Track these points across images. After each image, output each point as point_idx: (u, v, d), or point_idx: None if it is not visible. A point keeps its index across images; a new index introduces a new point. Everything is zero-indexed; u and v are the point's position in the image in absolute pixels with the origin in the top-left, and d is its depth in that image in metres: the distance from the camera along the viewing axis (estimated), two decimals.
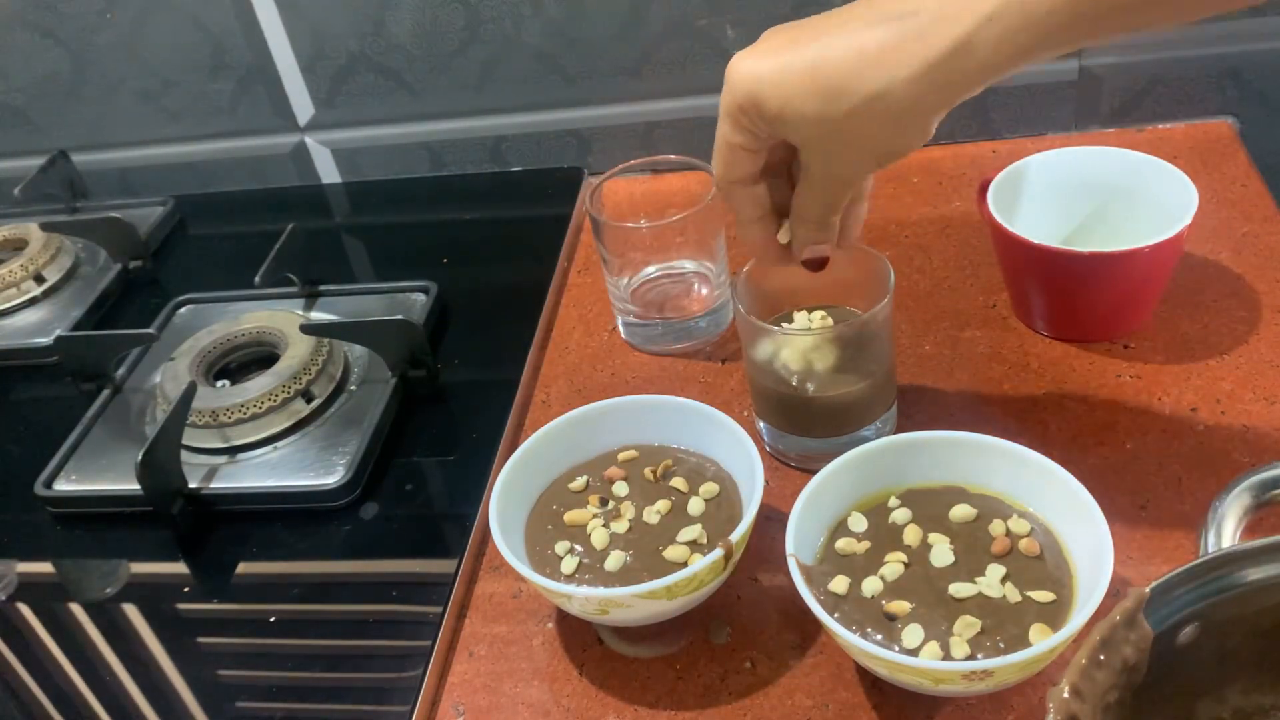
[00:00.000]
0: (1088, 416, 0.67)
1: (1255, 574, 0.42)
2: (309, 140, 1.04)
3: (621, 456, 0.65)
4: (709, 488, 0.61)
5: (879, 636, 0.52)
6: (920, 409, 0.69)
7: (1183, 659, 0.42)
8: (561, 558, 0.59)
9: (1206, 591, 0.41)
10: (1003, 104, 0.91)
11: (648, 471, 0.63)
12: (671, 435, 0.65)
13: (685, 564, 0.57)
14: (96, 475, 0.76)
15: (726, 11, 0.89)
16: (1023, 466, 0.57)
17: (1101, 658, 0.39)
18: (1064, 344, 0.72)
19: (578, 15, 0.92)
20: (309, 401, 0.77)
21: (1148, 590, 0.40)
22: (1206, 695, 0.43)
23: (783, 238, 0.58)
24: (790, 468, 0.68)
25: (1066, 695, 0.38)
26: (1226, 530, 0.51)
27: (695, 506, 0.61)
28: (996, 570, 0.53)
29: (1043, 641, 0.49)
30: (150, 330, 0.84)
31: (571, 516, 0.61)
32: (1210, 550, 0.49)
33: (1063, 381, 0.69)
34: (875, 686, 0.56)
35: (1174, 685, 0.42)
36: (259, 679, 0.63)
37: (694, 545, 0.58)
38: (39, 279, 0.95)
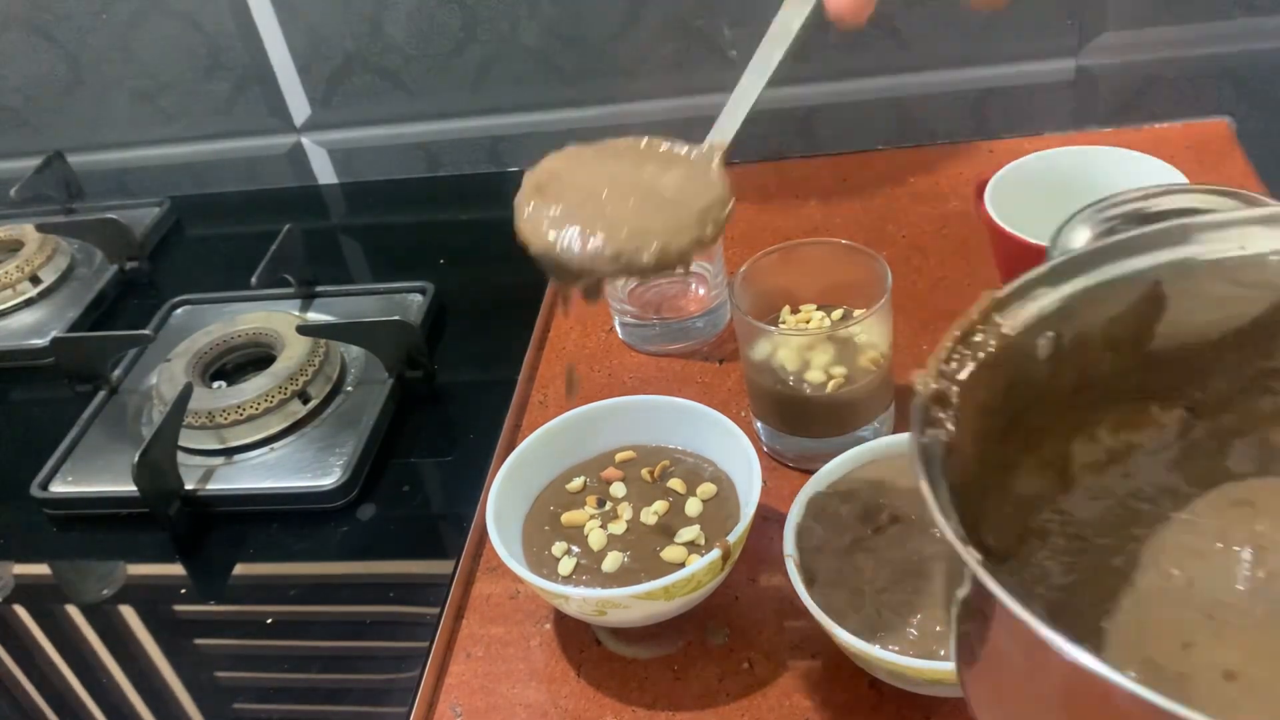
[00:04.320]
0: None
1: (1105, 274, 0.40)
2: (305, 141, 1.04)
3: (619, 457, 0.64)
4: (706, 488, 0.61)
5: (878, 636, 0.52)
6: None
7: (1046, 382, 0.41)
8: (559, 559, 0.59)
9: (1057, 296, 0.40)
10: (1000, 104, 0.91)
11: (645, 472, 0.63)
12: (669, 436, 0.65)
13: (683, 565, 0.57)
14: (93, 476, 0.76)
15: (723, 12, 0.89)
16: None
17: (960, 350, 0.39)
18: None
19: (575, 15, 0.92)
20: (306, 402, 0.77)
21: (998, 294, 0.40)
22: (1079, 434, 0.43)
23: None
24: (788, 468, 0.68)
25: (931, 378, 0.38)
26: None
27: (693, 507, 0.61)
28: None
29: None
30: (146, 331, 0.84)
31: (569, 517, 0.61)
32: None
33: None
34: (873, 687, 0.56)
35: (1043, 417, 0.41)
36: (256, 680, 0.63)
37: (691, 546, 0.58)
38: (35, 280, 0.95)
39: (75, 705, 0.63)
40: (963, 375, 0.38)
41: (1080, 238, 0.51)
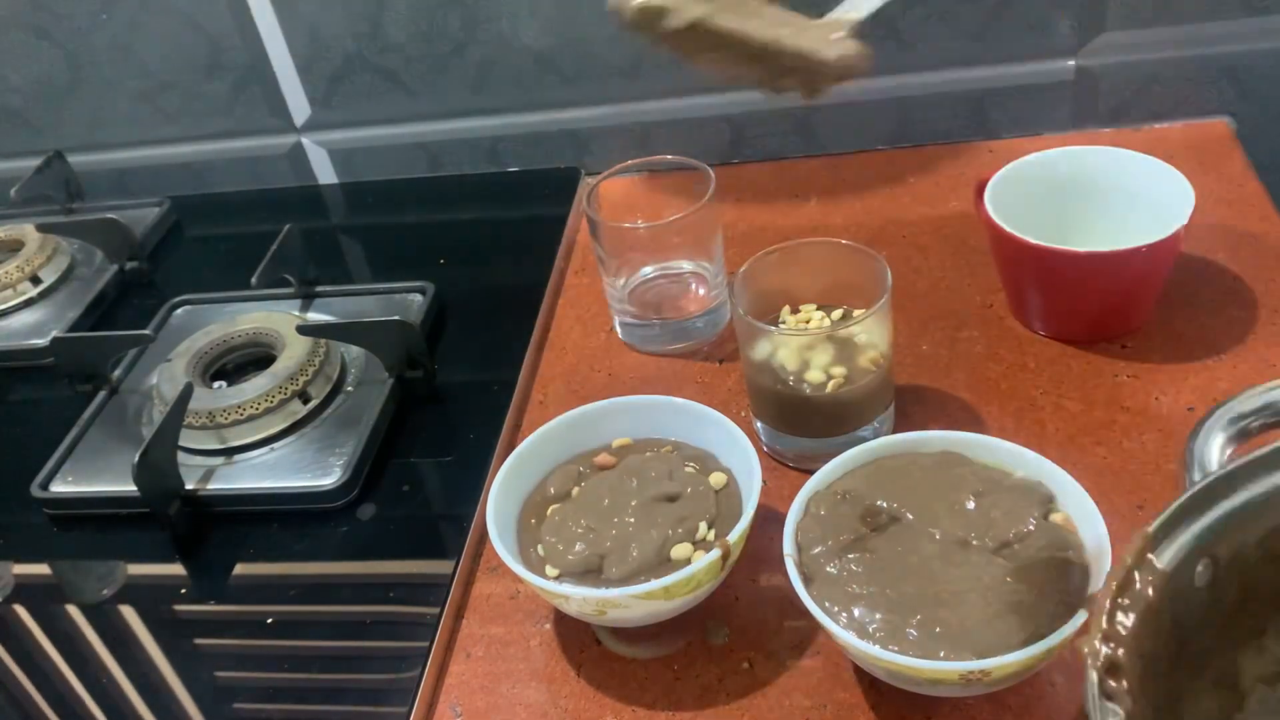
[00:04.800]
0: (1084, 416, 0.67)
1: (1251, 491, 0.40)
2: (306, 141, 1.04)
3: (616, 443, 0.65)
4: (716, 478, 0.61)
5: (879, 637, 0.52)
6: (918, 409, 0.69)
7: (1208, 606, 0.40)
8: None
9: (1206, 522, 0.39)
10: (1000, 104, 0.91)
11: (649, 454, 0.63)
12: (669, 435, 0.65)
13: (684, 564, 0.57)
14: (93, 476, 0.76)
15: None
16: (1024, 465, 0.57)
17: (1122, 600, 0.38)
18: (1061, 344, 0.72)
19: (574, 16, 0.92)
20: (306, 402, 0.77)
21: (1149, 529, 0.39)
22: (1246, 647, 0.42)
23: None
24: (788, 468, 0.68)
25: (1099, 641, 0.37)
26: (1210, 464, 0.48)
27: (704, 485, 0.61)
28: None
29: (1039, 643, 0.49)
30: (147, 331, 0.84)
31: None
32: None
33: (1060, 381, 0.69)
34: (873, 687, 0.56)
35: (1208, 638, 0.41)
36: (256, 680, 0.63)
37: (692, 545, 0.58)
38: (35, 280, 0.95)
39: (75, 705, 0.63)
40: (1126, 630, 0.37)
41: (1214, 446, 0.49)
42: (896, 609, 0.52)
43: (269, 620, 0.65)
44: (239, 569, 0.69)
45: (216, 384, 0.80)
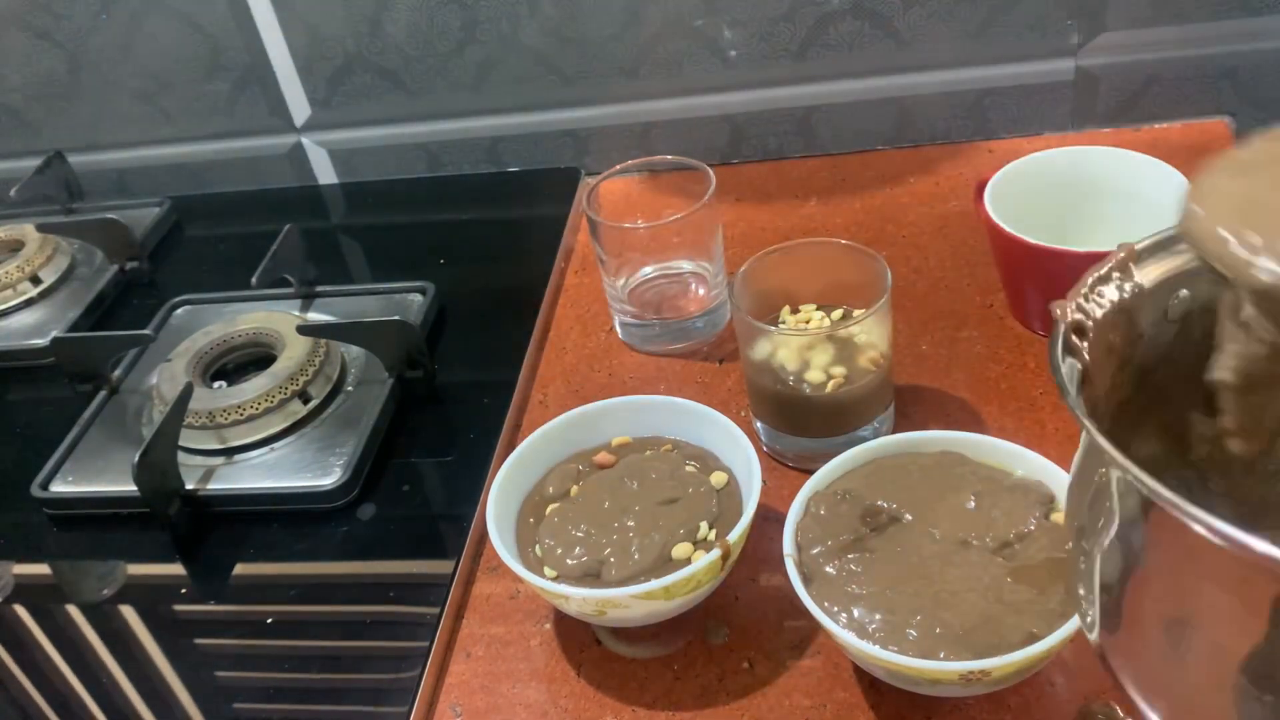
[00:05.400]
0: None
1: None
2: (306, 141, 1.04)
3: (615, 442, 0.65)
4: (717, 477, 0.61)
5: (879, 636, 0.52)
6: (917, 408, 0.69)
7: (1173, 343, 0.41)
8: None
9: (1192, 256, 0.40)
10: (999, 104, 0.91)
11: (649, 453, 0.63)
12: (669, 435, 0.65)
13: (684, 564, 0.57)
14: (93, 476, 0.76)
15: (723, 12, 0.89)
16: (1024, 465, 0.57)
17: (1097, 289, 0.40)
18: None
19: (575, 15, 0.92)
20: (306, 402, 0.77)
21: (1136, 244, 0.41)
22: (1199, 407, 0.42)
23: None
24: (788, 468, 0.68)
25: (1071, 307, 0.39)
26: None
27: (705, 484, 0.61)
28: None
29: (1039, 643, 0.49)
30: (147, 331, 0.84)
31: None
32: None
33: None
34: (873, 687, 0.56)
35: (1169, 380, 0.42)
36: (256, 680, 0.63)
37: (692, 545, 0.58)
38: (35, 280, 0.95)
39: (75, 705, 0.63)
40: (1098, 314, 0.40)
41: None
42: (896, 609, 0.52)
43: (269, 620, 0.65)
44: (239, 569, 0.69)
45: (216, 384, 0.80)
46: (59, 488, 0.75)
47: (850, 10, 0.88)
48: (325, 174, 1.06)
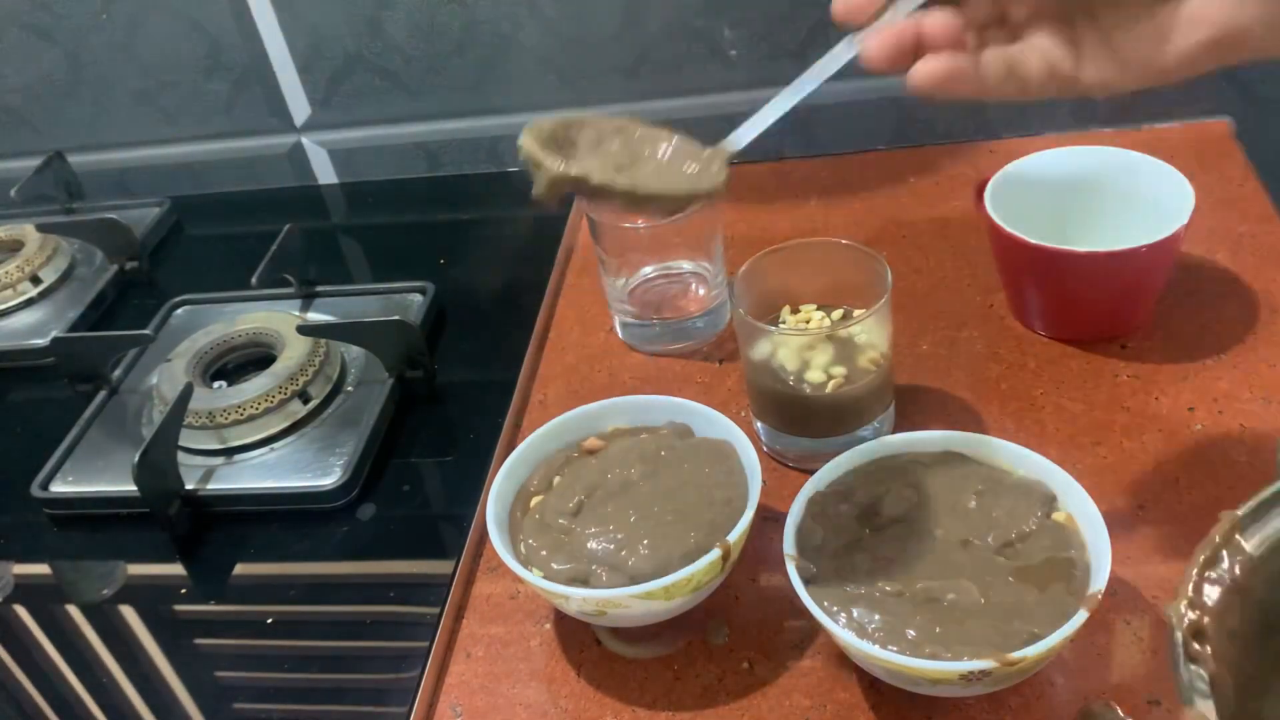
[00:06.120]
0: (1085, 416, 0.67)
1: None
2: (306, 141, 1.04)
3: (610, 427, 0.65)
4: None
5: (878, 636, 0.52)
6: (918, 408, 0.69)
7: None
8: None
9: None
10: (1000, 104, 0.91)
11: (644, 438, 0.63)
12: None
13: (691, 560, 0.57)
14: (93, 476, 0.76)
15: (723, 12, 0.89)
16: (1024, 465, 0.57)
17: (1209, 574, 0.39)
18: (1061, 343, 0.72)
19: (574, 16, 0.92)
20: (306, 402, 0.77)
21: (1238, 513, 0.40)
22: None
23: None
24: (788, 468, 0.68)
25: (1184, 608, 0.38)
26: None
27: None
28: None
29: (1039, 643, 0.49)
30: (147, 331, 0.84)
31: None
32: None
33: (1060, 381, 0.69)
34: (873, 687, 0.56)
35: None
36: (256, 680, 0.63)
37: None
38: (35, 280, 0.95)
39: (75, 705, 0.63)
40: (1212, 602, 0.39)
41: None
42: (896, 609, 0.52)
43: (269, 620, 0.65)
44: (239, 569, 0.69)
45: (216, 384, 0.80)
46: (59, 488, 0.75)
47: None
48: (325, 174, 1.06)
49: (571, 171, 0.52)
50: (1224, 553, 0.40)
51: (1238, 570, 0.39)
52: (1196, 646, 0.37)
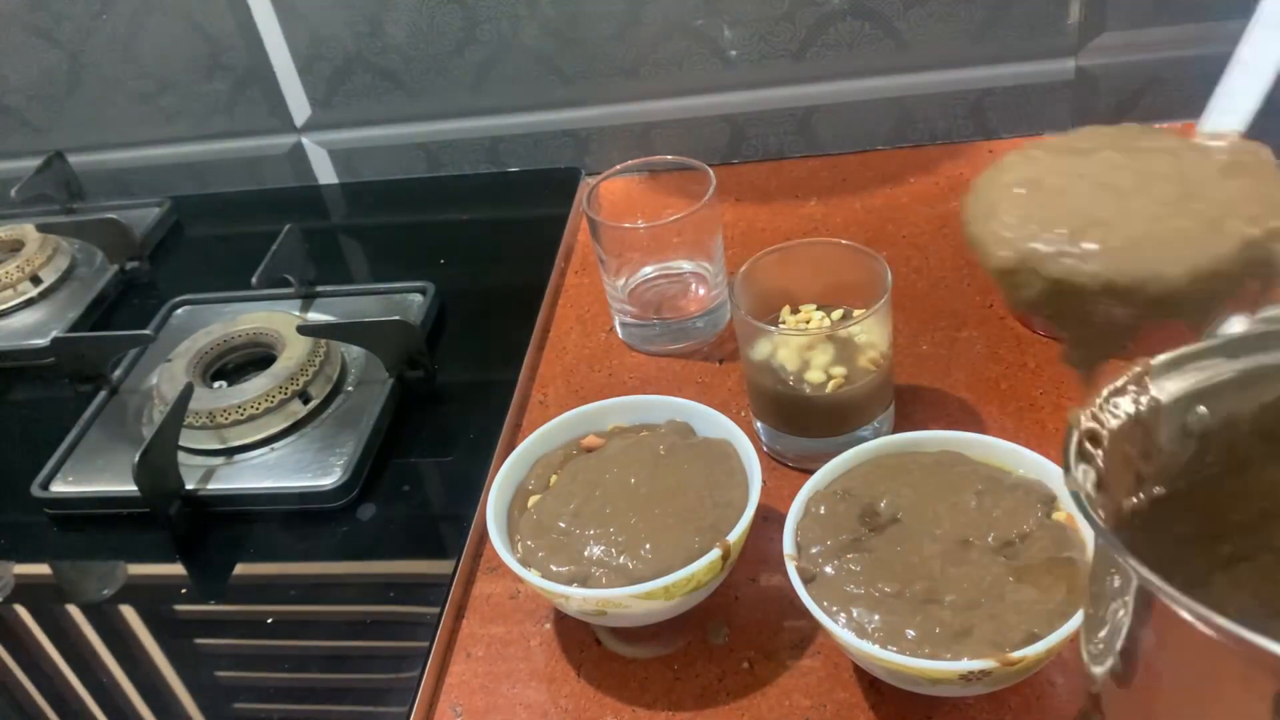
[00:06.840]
0: None
1: (1261, 359, 0.41)
2: (306, 141, 1.04)
3: (610, 425, 0.65)
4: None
5: (878, 636, 0.52)
6: (918, 408, 0.69)
7: (1192, 458, 0.41)
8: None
9: (1208, 374, 0.41)
10: (999, 104, 0.91)
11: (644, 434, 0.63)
12: None
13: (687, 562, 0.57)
14: (93, 476, 0.76)
15: (723, 12, 0.89)
16: (1024, 464, 0.57)
17: (1113, 401, 0.40)
18: (1061, 344, 0.72)
19: (575, 16, 0.92)
20: (306, 402, 0.77)
21: (1152, 360, 0.40)
22: (1217, 524, 0.43)
23: None
24: (788, 468, 0.68)
25: (1084, 418, 0.39)
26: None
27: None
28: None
29: (1039, 643, 0.49)
30: (147, 331, 0.84)
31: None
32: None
33: (1060, 381, 0.69)
34: (873, 687, 0.56)
35: (1185, 492, 0.42)
36: (256, 680, 0.63)
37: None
38: (35, 280, 0.95)
39: (76, 705, 0.63)
40: (1113, 425, 0.39)
41: (1237, 327, 0.51)
42: (896, 609, 0.52)
43: (269, 620, 0.65)
44: (239, 569, 0.69)
45: (216, 384, 0.80)
46: (59, 488, 0.75)
47: (850, 10, 0.88)
48: (325, 174, 1.06)
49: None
50: (1131, 388, 0.40)
51: (1143, 407, 0.40)
52: (1090, 447, 0.39)
